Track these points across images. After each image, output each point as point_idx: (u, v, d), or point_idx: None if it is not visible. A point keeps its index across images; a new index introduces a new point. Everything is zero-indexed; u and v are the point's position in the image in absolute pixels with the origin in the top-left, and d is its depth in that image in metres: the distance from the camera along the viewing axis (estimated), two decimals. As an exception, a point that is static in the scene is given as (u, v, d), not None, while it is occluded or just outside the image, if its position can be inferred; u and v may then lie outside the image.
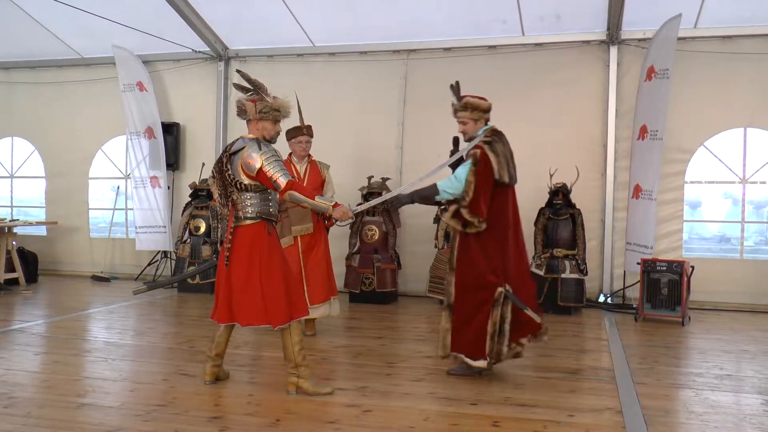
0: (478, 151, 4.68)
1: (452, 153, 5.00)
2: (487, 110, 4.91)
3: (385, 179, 8.46)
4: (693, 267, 7.36)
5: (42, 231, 10.80)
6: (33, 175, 11.07)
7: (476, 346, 4.66)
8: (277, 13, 8.75)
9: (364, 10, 8.60)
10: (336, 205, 4.33)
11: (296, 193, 4.23)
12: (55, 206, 10.76)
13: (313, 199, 4.30)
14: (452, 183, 4.66)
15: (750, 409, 4.25)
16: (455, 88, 4.93)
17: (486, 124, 4.91)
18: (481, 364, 4.67)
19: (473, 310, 4.68)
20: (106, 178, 10.71)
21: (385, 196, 5.26)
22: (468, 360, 4.70)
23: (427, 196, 4.76)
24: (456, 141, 5.01)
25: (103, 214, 11.10)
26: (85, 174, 10.60)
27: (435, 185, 4.70)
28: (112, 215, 10.48)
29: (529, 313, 4.72)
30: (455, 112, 4.88)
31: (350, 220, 4.45)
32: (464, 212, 4.59)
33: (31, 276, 9.54)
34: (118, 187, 10.50)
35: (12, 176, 11.21)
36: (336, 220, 4.44)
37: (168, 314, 7.68)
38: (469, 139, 4.88)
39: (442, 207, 4.76)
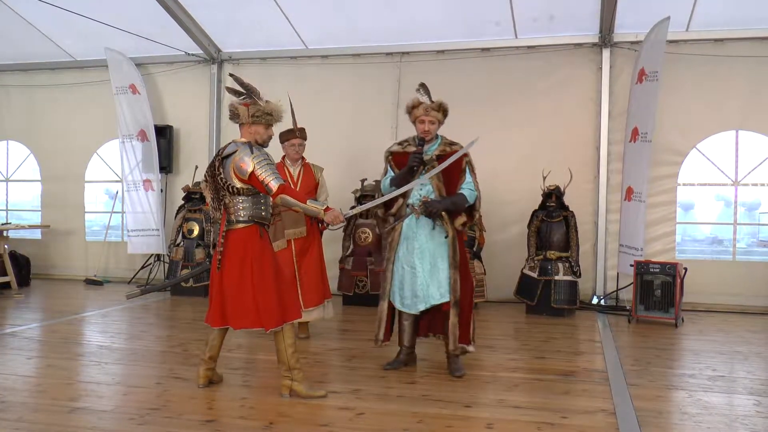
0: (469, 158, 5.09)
1: (416, 151, 4.95)
2: None
3: (378, 182, 8.46)
4: (686, 269, 7.38)
5: (37, 234, 10.76)
6: (28, 179, 11.04)
7: (469, 334, 5.05)
8: (271, 15, 8.75)
9: (357, 12, 8.60)
10: (327, 209, 4.33)
11: (288, 197, 4.24)
12: (50, 210, 10.71)
13: (305, 203, 4.30)
14: (473, 192, 5.00)
15: (742, 410, 4.27)
16: (425, 87, 5.05)
17: None
18: (473, 348, 5.13)
19: (469, 302, 5.03)
20: (102, 182, 10.70)
21: (378, 200, 5.25)
22: (470, 347, 5.06)
23: (459, 203, 4.97)
24: (422, 141, 5.00)
25: (97, 218, 11.07)
26: (81, 177, 10.57)
27: (463, 195, 4.97)
28: (109, 218, 10.44)
29: None
30: (427, 110, 4.96)
31: (342, 224, 4.46)
32: (477, 215, 5.19)
33: (24, 280, 9.50)
34: (117, 192, 10.45)
35: (7, 180, 11.18)
36: (327, 225, 4.44)
37: (161, 317, 7.65)
38: (429, 140, 5.04)
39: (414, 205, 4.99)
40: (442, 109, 5.02)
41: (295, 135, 6.12)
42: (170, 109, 10.16)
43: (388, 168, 5.18)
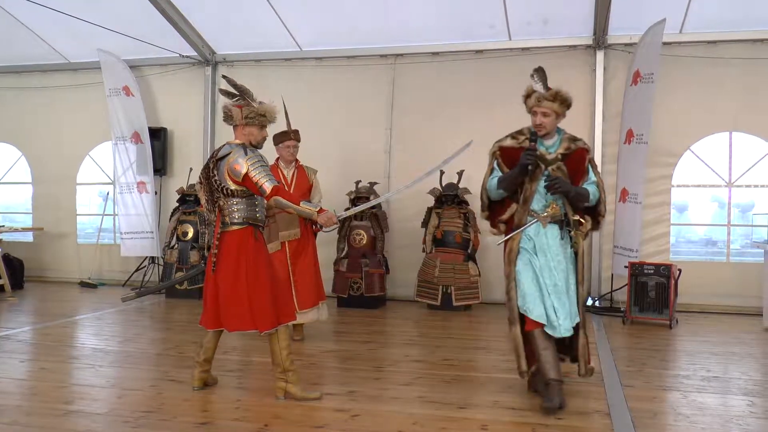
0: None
1: (529, 148, 4.28)
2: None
3: (372, 184, 8.46)
4: (680, 270, 7.40)
5: (28, 237, 10.71)
6: (19, 181, 11.00)
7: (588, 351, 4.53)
8: (265, 17, 8.75)
9: (351, 14, 8.60)
10: (321, 210, 4.33)
11: (281, 199, 4.23)
12: (42, 212, 10.67)
13: (299, 205, 4.30)
14: (597, 192, 4.41)
15: (736, 411, 4.28)
16: (540, 73, 4.40)
17: None
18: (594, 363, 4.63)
19: None
20: (94, 184, 10.66)
21: (372, 202, 5.26)
22: (591, 364, 4.51)
23: (582, 196, 4.33)
24: (535, 136, 4.33)
25: (89, 220, 11.03)
26: (72, 180, 10.53)
27: (587, 190, 4.35)
28: (100, 221, 10.41)
29: None
30: (539, 100, 4.32)
31: (335, 226, 4.45)
32: (603, 222, 4.57)
33: (17, 283, 9.45)
34: (108, 193, 10.42)
35: (-1, 182, 11.17)
36: (321, 226, 4.43)
37: (156, 320, 7.64)
38: (544, 135, 4.38)
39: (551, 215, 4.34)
40: (560, 99, 4.30)
41: (289, 137, 6.12)
42: (164, 111, 10.14)
43: (495, 165, 4.47)
